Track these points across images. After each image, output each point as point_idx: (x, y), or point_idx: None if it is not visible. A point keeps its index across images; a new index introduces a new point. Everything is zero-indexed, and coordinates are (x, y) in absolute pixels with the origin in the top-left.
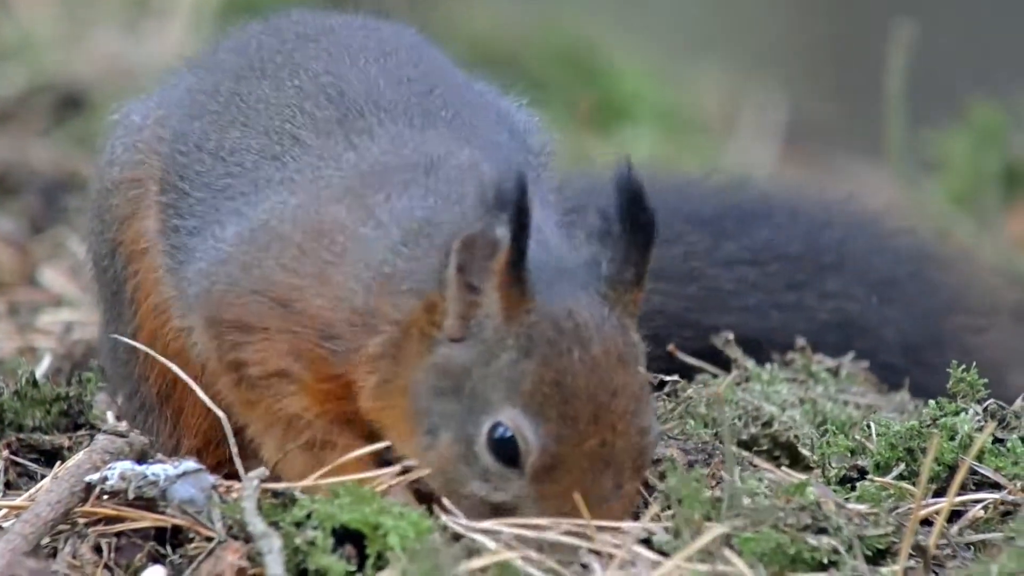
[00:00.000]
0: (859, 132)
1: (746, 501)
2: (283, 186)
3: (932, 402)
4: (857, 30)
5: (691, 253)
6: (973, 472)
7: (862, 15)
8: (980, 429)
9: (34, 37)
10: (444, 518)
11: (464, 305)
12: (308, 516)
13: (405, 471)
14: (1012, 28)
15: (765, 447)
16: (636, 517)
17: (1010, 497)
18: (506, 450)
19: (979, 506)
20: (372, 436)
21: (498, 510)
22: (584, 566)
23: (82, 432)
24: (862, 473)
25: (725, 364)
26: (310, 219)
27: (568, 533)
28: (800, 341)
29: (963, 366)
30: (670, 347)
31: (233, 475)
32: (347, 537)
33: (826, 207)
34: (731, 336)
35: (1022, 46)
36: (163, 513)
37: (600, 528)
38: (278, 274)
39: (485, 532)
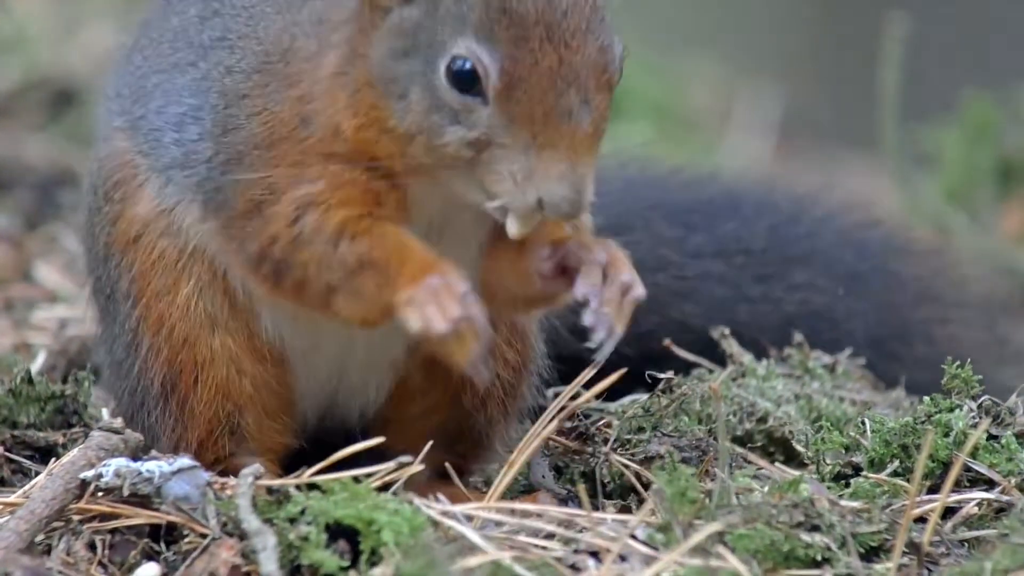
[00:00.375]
0: (854, 127)
1: (738, 498)
2: (222, 41)
3: (927, 398)
4: (851, 24)
5: (660, 243)
6: (967, 469)
7: (856, 9)
8: (974, 426)
9: (28, 32)
10: (436, 509)
11: None
12: (302, 512)
13: (401, 466)
14: (1006, 23)
15: (760, 443)
16: (602, 134)
17: (1004, 496)
18: (465, 78)
19: (973, 503)
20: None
21: (478, 151)
22: (574, 567)
23: (77, 429)
24: (856, 470)
25: (718, 359)
26: (257, 53)
27: (563, 524)
28: (798, 336)
29: (957, 362)
30: (666, 342)
31: (228, 472)
32: (341, 533)
33: (796, 201)
34: (727, 331)
35: (1016, 41)
36: (158, 510)
37: (595, 524)
38: (260, 112)
39: (479, 528)
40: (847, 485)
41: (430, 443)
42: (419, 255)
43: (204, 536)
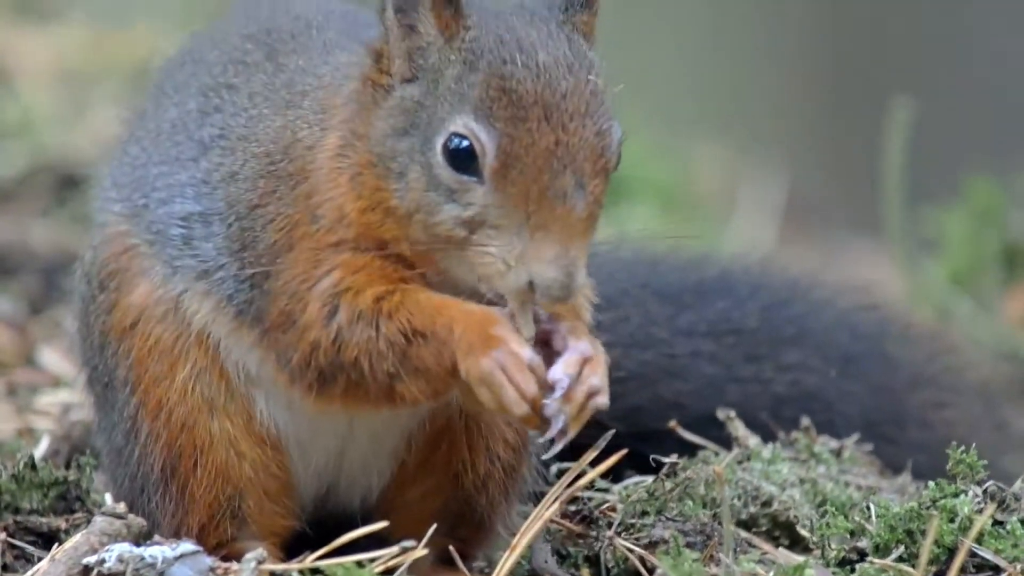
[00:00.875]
0: (858, 210)
1: None
2: (222, 139)
3: (932, 483)
4: (856, 107)
5: (651, 320)
6: (973, 554)
7: (860, 92)
8: (980, 511)
9: (34, 116)
10: None
11: (407, 44)
12: None
13: (405, 550)
14: (1010, 108)
15: (764, 527)
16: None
17: None
18: (462, 156)
19: None
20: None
21: (471, 231)
22: None
23: (79, 514)
24: (861, 555)
25: (710, 438)
26: (260, 155)
27: None
28: (805, 421)
29: (962, 447)
30: (672, 423)
31: (231, 556)
32: None
33: (790, 282)
34: (733, 413)
35: (1021, 126)
36: None
37: None
38: (274, 223)
39: None
40: (852, 570)
41: (433, 526)
42: (463, 312)
43: None
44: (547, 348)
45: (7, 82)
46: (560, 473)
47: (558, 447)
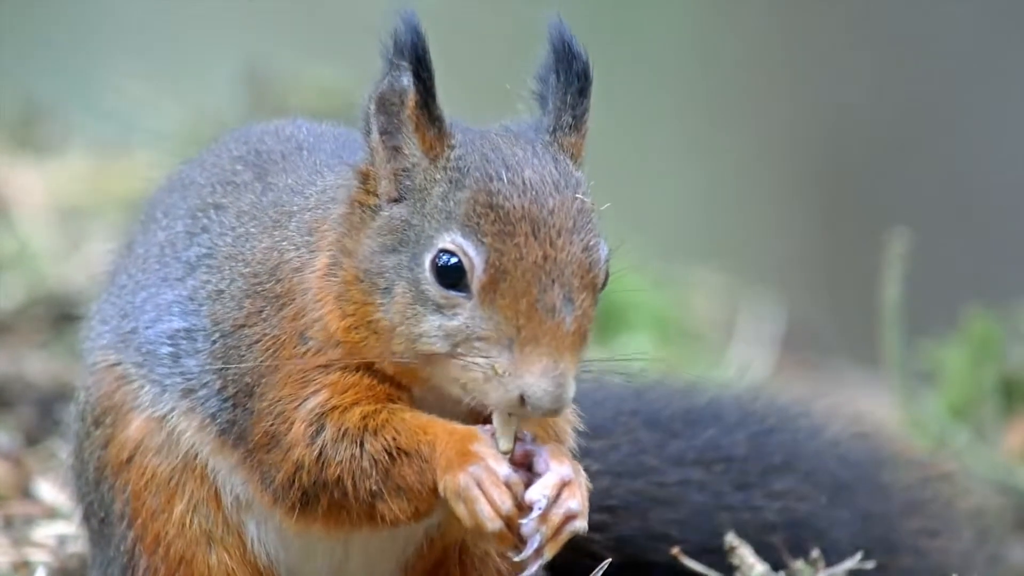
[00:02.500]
0: (857, 339)
1: None
2: (209, 259)
3: None
4: (854, 238)
5: (640, 448)
6: None
7: (857, 223)
8: None
9: (32, 249)
10: None
11: (393, 166)
12: None
13: None
14: (1007, 239)
15: None
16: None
17: None
18: (450, 273)
19: None
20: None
21: (455, 344)
22: None
23: None
24: None
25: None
26: (238, 266)
27: None
28: (814, 553)
29: None
30: (674, 551)
31: None
32: None
33: (780, 410)
34: (736, 542)
35: (1017, 257)
36: None
37: None
38: (258, 343)
39: None
40: None
41: None
42: (446, 430)
43: None
44: (529, 471)
45: (5, 215)
46: None
47: (532, 568)
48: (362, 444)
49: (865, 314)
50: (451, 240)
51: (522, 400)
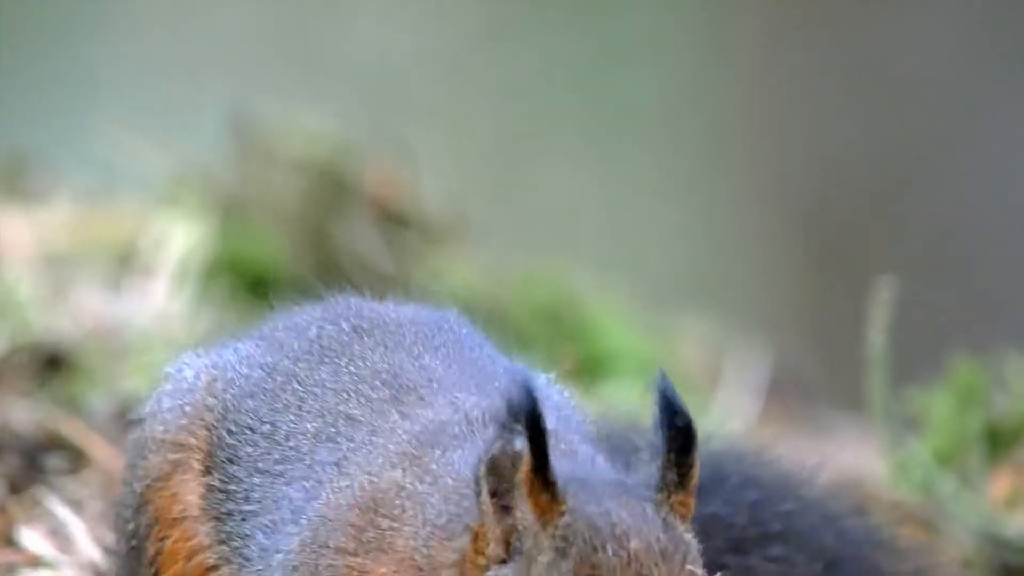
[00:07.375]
0: (843, 387)
1: None
2: (338, 467)
3: None
4: (840, 286)
5: None
6: None
7: (844, 272)
8: None
9: (17, 296)
10: None
11: (503, 527)
12: None
13: None
14: (992, 287)
15: None
16: None
17: None
18: None
19: None
20: None
21: None
22: None
23: None
24: None
25: None
26: (366, 492)
27: None
28: None
29: None
30: None
31: None
32: None
33: (781, 477)
34: None
35: (1002, 305)
36: None
37: None
38: (342, 560)
39: None
40: None
41: None
42: None
43: None
44: None
45: None
46: None
47: None
48: None
49: (851, 361)
50: None
51: None
